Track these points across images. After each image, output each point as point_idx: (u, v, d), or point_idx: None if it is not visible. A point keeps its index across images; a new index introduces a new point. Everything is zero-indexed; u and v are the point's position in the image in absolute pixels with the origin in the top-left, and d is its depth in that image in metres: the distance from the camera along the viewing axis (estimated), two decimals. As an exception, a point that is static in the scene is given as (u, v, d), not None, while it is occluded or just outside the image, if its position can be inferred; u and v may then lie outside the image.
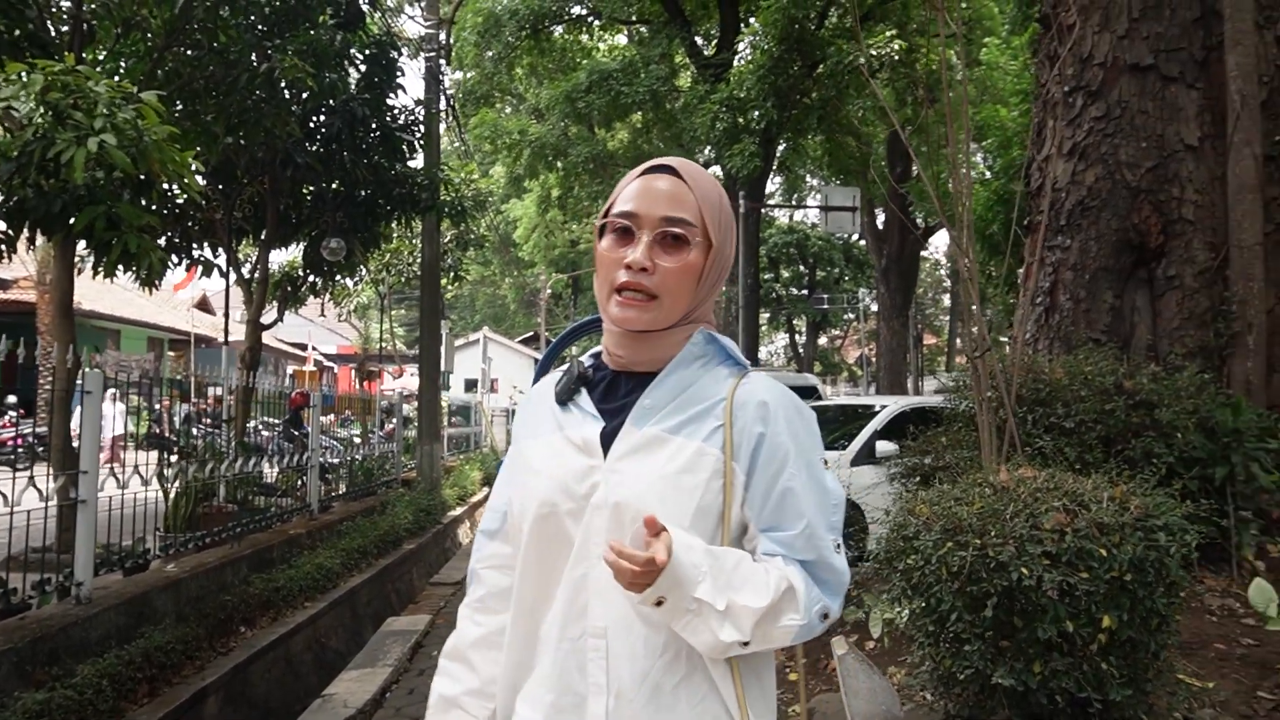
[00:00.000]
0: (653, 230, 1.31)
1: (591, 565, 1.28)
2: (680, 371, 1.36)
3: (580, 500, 1.30)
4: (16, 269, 18.18)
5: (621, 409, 1.35)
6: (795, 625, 1.24)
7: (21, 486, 4.73)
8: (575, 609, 1.29)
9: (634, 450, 1.31)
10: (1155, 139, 4.98)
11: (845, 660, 2.92)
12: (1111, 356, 4.41)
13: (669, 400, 1.34)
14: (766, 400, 1.33)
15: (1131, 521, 2.65)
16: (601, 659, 1.26)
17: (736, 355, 1.39)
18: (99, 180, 5.03)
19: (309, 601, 6.99)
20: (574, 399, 1.39)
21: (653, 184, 1.34)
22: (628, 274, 1.30)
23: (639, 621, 1.27)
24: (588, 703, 1.26)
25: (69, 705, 4.15)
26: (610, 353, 1.41)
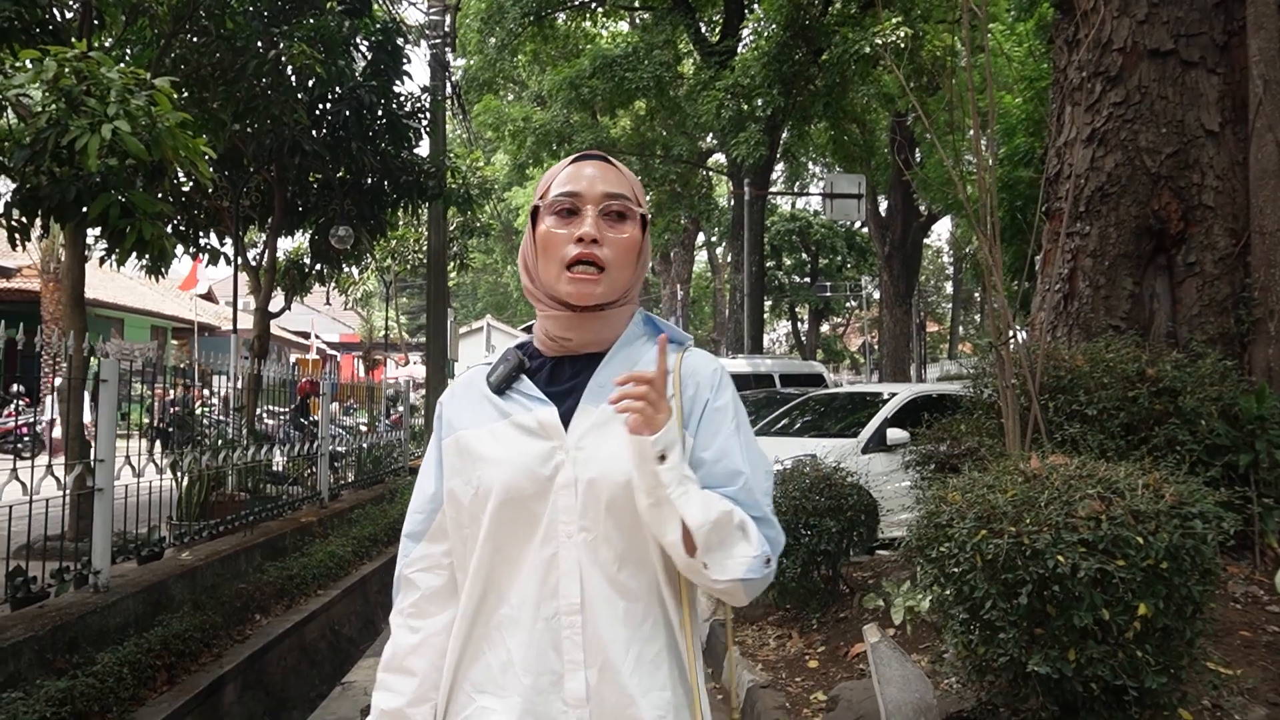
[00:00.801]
0: (596, 205, 1.37)
1: (560, 544, 1.30)
2: (626, 350, 1.41)
3: (544, 482, 1.31)
4: (20, 257, 18.16)
5: (571, 391, 1.38)
6: (749, 557, 1.27)
7: (40, 475, 4.73)
8: (546, 589, 1.30)
9: (596, 427, 1.33)
10: (1175, 125, 4.95)
11: (878, 648, 2.92)
12: (1133, 344, 4.39)
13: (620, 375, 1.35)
14: (709, 370, 1.42)
15: (1166, 509, 2.64)
16: (578, 635, 1.28)
17: (675, 333, 1.45)
18: (112, 167, 5.00)
19: (322, 589, 6.99)
20: (514, 386, 1.40)
21: (585, 169, 1.40)
22: (579, 247, 1.34)
23: (616, 594, 1.30)
24: (564, 681, 1.28)
25: (91, 693, 4.15)
26: (553, 337, 1.42)
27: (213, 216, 10.02)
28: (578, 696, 1.27)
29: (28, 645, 4.23)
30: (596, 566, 1.30)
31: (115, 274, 21.70)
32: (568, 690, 1.28)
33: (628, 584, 1.31)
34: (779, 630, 5.17)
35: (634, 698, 1.28)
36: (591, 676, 1.28)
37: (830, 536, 4.91)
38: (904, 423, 8.14)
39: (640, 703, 1.29)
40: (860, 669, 4.34)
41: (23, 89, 4.72)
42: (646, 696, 1.29)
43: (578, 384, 1.38)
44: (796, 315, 42.15)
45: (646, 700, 1.29)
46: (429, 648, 1.41)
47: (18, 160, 4.87)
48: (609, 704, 1.28)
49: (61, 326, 5.64)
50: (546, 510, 1.31)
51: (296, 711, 5.74)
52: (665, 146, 19.53)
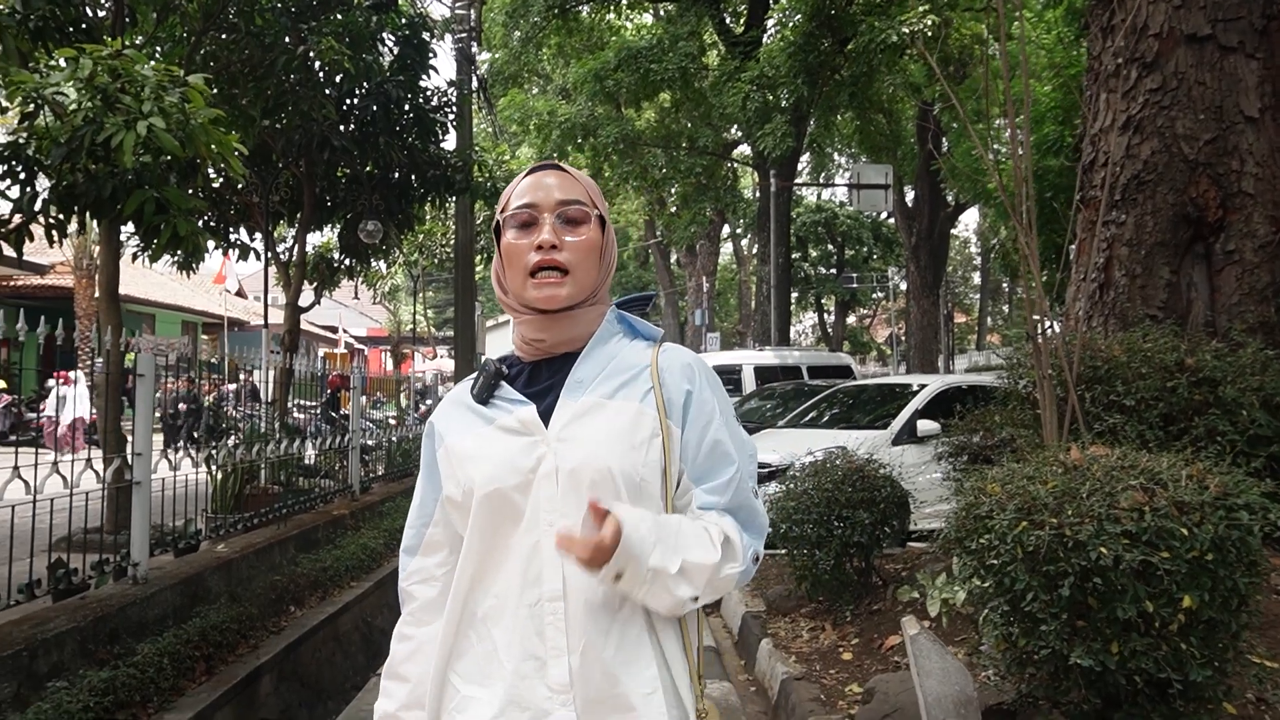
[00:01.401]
0: (552, 212, 1.43)
1: (542, 533, 1.34)
2: (601, 347, 1.47)
3: (526, 474, 1.36)
4: (53, 254, 18.39)
5: (549, 390, 1.44)
6: (735, 573, 1.37)
7: (80, 469, 4.79)
8: (529, 577, 1.34)
9: (576, 418, 1.39)
10: (1213, 111, 4.88)
11: (918, 640, 2.90)
12: (1171, 333, 4.33)
13: (597, 372, 1.44)
14: (688, 363, 1.48)
15: (1211, 500, 2.60)
16: (560, 622, 1.33)
17: (648, 328, 1.53)
18: (147, 164, 5.05)
19: (355, 581, 7.05)
20: (495, 394, 1.46)
21: (542, 179, 1.47)
22: (539, 254, 1.41)
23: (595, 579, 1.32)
24: (548, 667, 1.32)
25: (132, 683, 4.21)
26: (528, 342, 1.48)
27: (243, 212, 10.10)
28: (561, 682, 1.31)
29: (70, 636, 4.29)
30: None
31: (146, 270, 21.95)
32: (551, 676, 1.32)
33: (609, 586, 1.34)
34: (812, 623, 5.15)
35: (618, 677, 1.33)
36: (574, 661, 1.32)
37: (863, 528, 4.89)
38: (934, 414, 8.10)
39: (625, 682, 1.33)
40: (895, 661, 4.33)
41: (58, 87, 4.78)
42: (631, 676, 1.34)
43: (555, 383, 1.45)
44: (823, 307, 41.97)
45: (631, 679, 1.33)
46: (422, 655, 1.47)
47: (54, 158, 4.92)
48: (593, 686, 1.32)
49: (100, 321, 5.71)
50: (529, 501, 1.36)
51: (331, 702, 5.79)
52: (690, 139, 19.46)
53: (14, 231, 5.37)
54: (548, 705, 1.32)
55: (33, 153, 5.20)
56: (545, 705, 1.32)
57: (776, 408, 11.12)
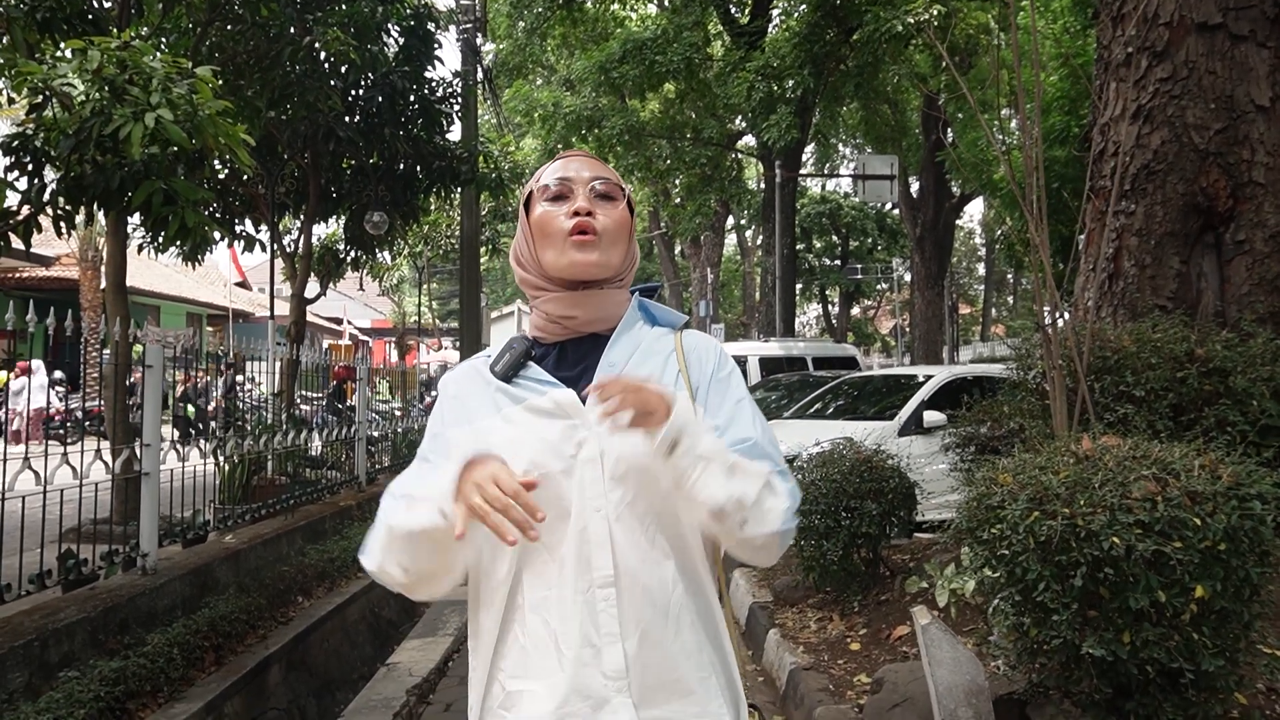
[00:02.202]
0: (586, 186, 1.44)
1: (589, 518, 1.32)
2: (629, 331, 1.46)
3: (569, 459, 1.34)
4: (59, 246, 18.41)
5: (581, 373, 1.41)
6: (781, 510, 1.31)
7: (89, 460, 4.80)
8: (580, 564, 1.31)
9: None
10: (1224, 100, 4.85)
11: (929, 630, 2.90)
12: (1181, 323, 4.32)
13: (628, 356, 1.43)
14: (709, 346, 1.49)
15: (1224, 490, 2.60)
16: (612, 607, 1.30)
17: (669, 315, 1.52)
18: (155, 156, 5.05)
19: (362, 572, 7.04)
20: (521, 374, 1.42)
21: (572, 161, 1.48)
22: (576, 219, 1.40)
23: (649, 563, 1.33)
24: (603, 653, 1.29)
25: (142, 673, 4.23)
26: (555, 319, 1.45)
27: (248, 204, 10.10)
28: (617, 668, 1.29)
29: (80, 626, 4.31)
30: (628, 537, 1.32)
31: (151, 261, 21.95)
32: (606, 662, 1.29)
33: (660, 551, 1.34)
34: (819, 613, 5.16)
35: (677, 661, 1.31)
36: (630, 647, 1.29)
37: (871, 519, 4.89)
38: (940, 405, 8.10)
39: (683, 665, 1.32)
40: (903, 651, 4.33)
41: (66, 79, 4.77)
42: (689, 659, 1.32)
43: (588, 365, 1.42)
44: (827, 298, 41.92)
45: (689, 662, 1.32)
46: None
47: (62, 149, 4.92)
48: (652, 671, 1.30)
49: (107, 312, 5.72)
50: (574, 486, 1.33)
51: (340, 692, 5.81)
52: (695, 130, 19.42)
53: (22, 223, 5.37)
54: (605, 693, 1.28)
55: (41, 144, 5.20)
56: (603, 693, 1.28)
57: (782, 399, 11.11)
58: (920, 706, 3.33)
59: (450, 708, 4.99)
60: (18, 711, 3.65)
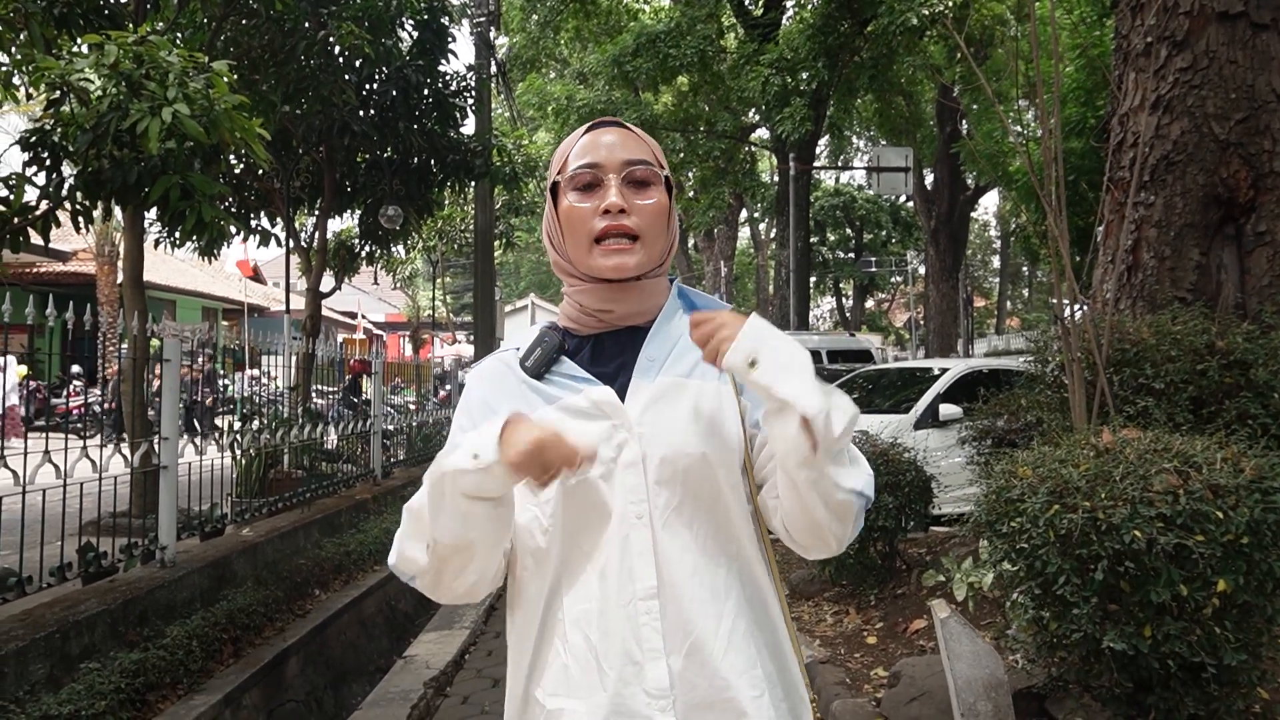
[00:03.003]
0: (619, 174, 1.30)
1: (630, 527, 1.23)
2: (669, 322, 1.35)
3: (608, 463, 1.24)
4: (76, 241, 18.52)
5: (619, 369, 1.32)
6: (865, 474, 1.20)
7: (108, 454, 4.83)
8: (623, 575, 1.22)
9: (655, 402, 1.27)
10: (1245, 90, 4.80)
11: (948, 624, 2.89)
12: (1201, 315, 4.29)
13: (668, 350, 1.32)
14: None
15: (1246, 483, 2.58)
16: (656, 621, 1.21)
17: (711, 301, 1.39)
18: (172, 150, 5.06)
19: (378, 565, 7.09)
20: (553, 370, 1.32)
21: (602, 137, 1.33)
22: (607, 219, 1.28)
23: (698, 572, 1.23)
24: (645, 670, 1.20)
25: (162, 665, 4.26)
26: (592, 313, 1.35)
27: (264, 198, 10.14)
28: (660, 686, 1.20)
29: (101, 618, 4.34)
30: (674, 545, 1.23)
31: (167, 256, 22.08)
32: (649, 680, 1.20)
33: (711, 559, 1.24)
34: (836, 606, 5.15)
35: (728, 680, 1.21)
36: (675, 663, 1.20)
37: (887, 513, 4.88)
38: (956, 398, 8.06)
39: (736, 683, 1.22)
40: (920, 645, 4.32)
41: (83, 74, 4.79)
42: (742, 676, 1.22)
43: (624, 361, 1.32)
44: (841, 291, 41.79)
45: (743, 680, 1.22)
46: None
47: (80, 144, 4.94)
48: (699, 690, 1.21)
49: (125, 307, 5.75)
50: (614, 492, 1.24)
51: (357, 684, 5.83)
52: (709, 122, 19.37)
53: (41, 218, 5.40)
54: (647, 711, 1.19)
55: (59, 139, 5.23)
56: (645, 712, 1.19)
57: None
58: (938, 700, 3.32)
59: (468, 700, 5.01)
60: (40, 702, 3.67)
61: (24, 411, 10.99)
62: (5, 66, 5.80)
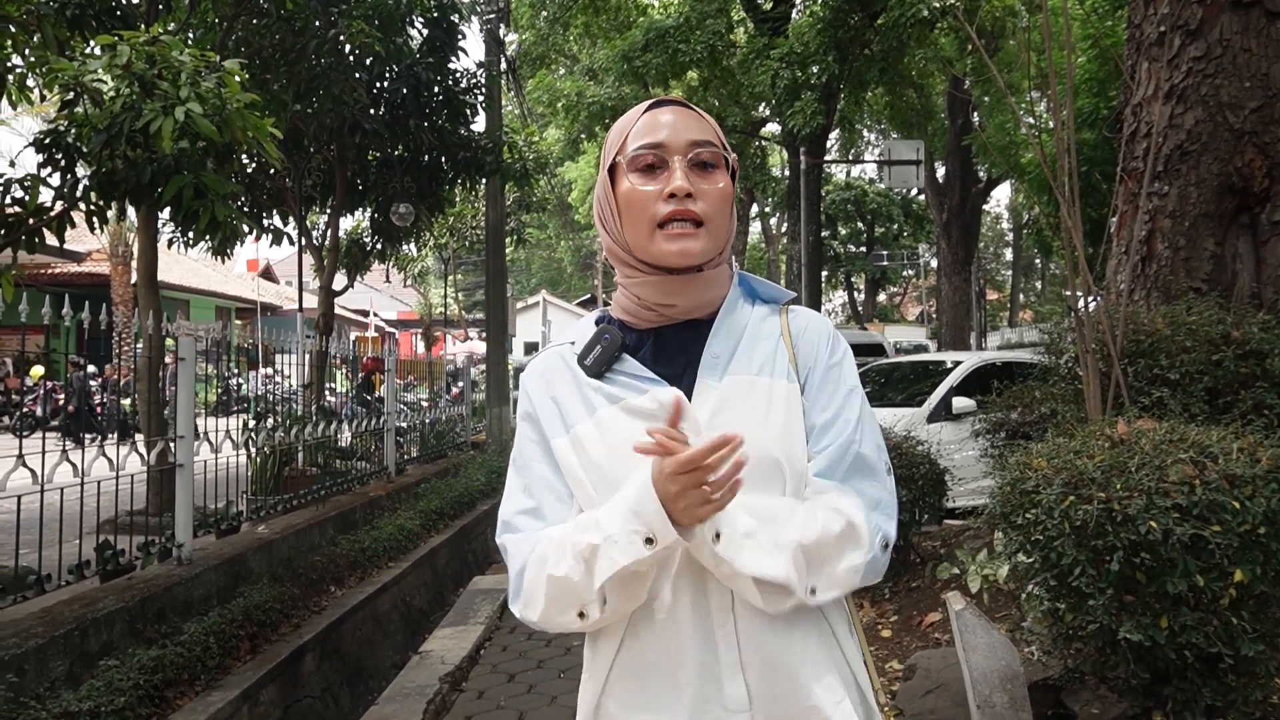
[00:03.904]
0: (684, 156, 1.24)
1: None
2: (732, 314, 1.30)
3: None
4: (90, 241, 18.62)
5: (685, 367, 1.27)
6: (861, 562, 1.21)
7: (125, 452, 4.87)
8: (696, 587, 1.20)
9: (724, 404, 1.24)
10: (1259, 78, 4.77)
11: (963, 616, 2.89)
12: (1216, 306, 4.26)
13: (733, 345, 1.28)
14: (821, 328, 1.33)
15: (1263, 473, 2.57)
16: (731, 635, 1.19)
17: (774, 290, 1.36)
18: (185, 150, 5.09)
19: (393, 561, 7.12)
20: (615, 368, 1.27)
21: (664, 115, 1.27)
22: (672, 203, 1.22)
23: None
24: (724, 685, 1.19)
25: (180, 662, 4.28)
26: (650, 306, 1.28)
27: (276, 197, 10.18)
28: (739, 701, 1.18)
29: (119, 615, 4.37)
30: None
31: (181, 256, 22.18)
32: (728, 695, 1.18)
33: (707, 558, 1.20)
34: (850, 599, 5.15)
35: (810, 689, 1.20)
36: (752, 677, 1.19)
37: (901, 506, 4.87)
38: (969, 391, 8.05)
39: (817, 694, 1.20)
40: (935, 638, 4.32)
41: (96, 75, 4.82)
42: (821, 685, 1.21)
43: (690, 358, 1.27)
44: (853, 285, 41.70)
45: (822, 690, 1.21)
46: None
47: (94, 145, 4.97)
48: (780, 703, 1.19)
49: (139, 307, 5.79)
50: None
51: (373, 680, 5.86)
52: (719, 117, 19.33)
53: (55, 219, 5.44)
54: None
55: (73, 140, 5.26)
56: None
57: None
58: (954, 692, 3.32)
59: (483, 695, 5.03)
60: (60, 699, 3.71)
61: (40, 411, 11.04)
62: (19, 69, 5.83)
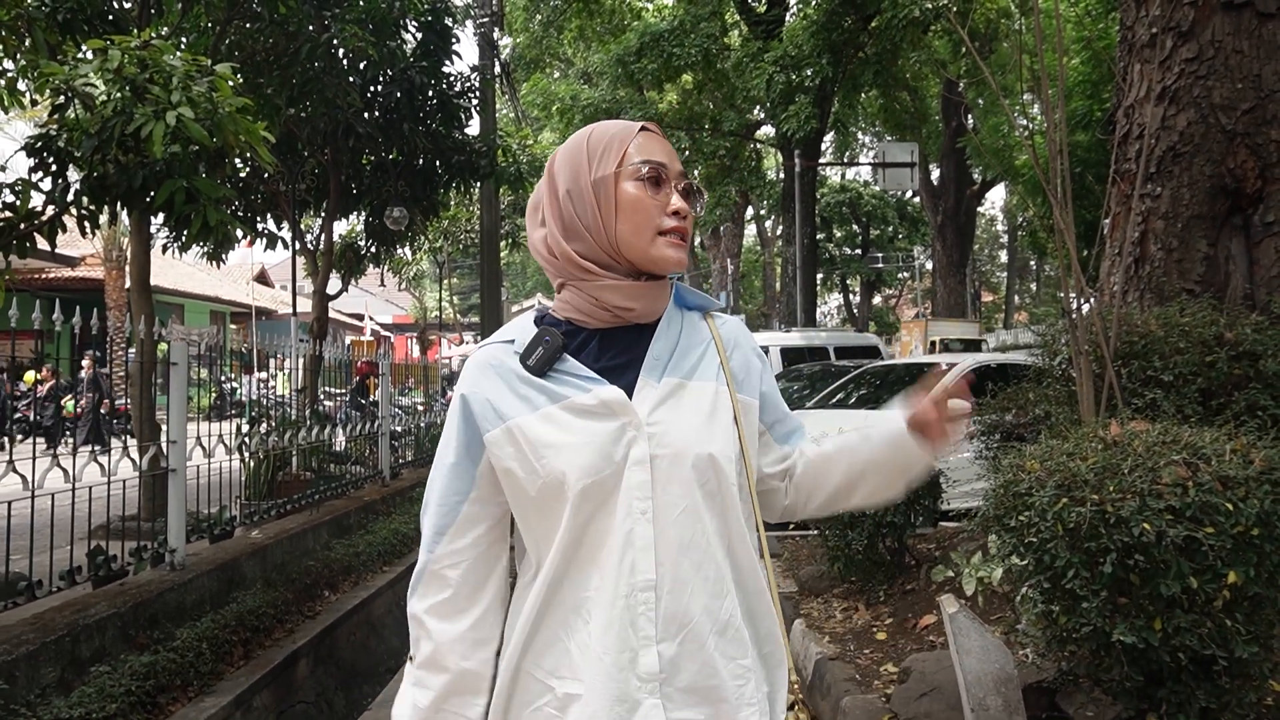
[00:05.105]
0: (678, 182, 1.39)
1: (635, 521, 1.28)
2: (671, 320, 1.41)
3: (619, 461, 1.29)
4: (84, 246, 18.58)
5: (625, 366, 1.35)
6: None
7: (117, 458, 4.85)
8: (624, 567, 1.27)
9: (661, 401, 1.33)
10: (1251, 80, 4.77)
11: (957, 619, 2.88)
12: (1209, 307, 4.27)
13: (671, 348, 1.38)
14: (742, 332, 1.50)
15: (1256, 474, 2.56)
16: (651, 611, 1.27)
17: (704, 299, 1.50)
18: (176, 154, 5.07)
19: (387, 566, 7.11)
20: (556, 367, 1.34)
21: (657, 142, 1.41)
22: (675, 219, 1.36)
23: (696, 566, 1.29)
24: (639, 656, 1.26)
25: (172, 667, 4.27)
26: (609, 308, 1.37)
27: (269, 201, 10.16)
28: (650, 671, 1.26)
29: (111, 621, 4.35)
30: (678, 538, 1.28)
31: (175, 261, 22.12)
32: (641, 665, 1.26)
33: (711, 553, 1.31)
34: (845, 603, 5.14)
35: (715, 667, 1.29)
36: (666, 650, 1.27)
37: (896, 508, 4.86)
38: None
39: (722, 671, 1.30)
40: (930, 641, 4.31)
41: (87, 79, 4.80)
42: (730, 664, 1.31)
43: (630, 359, 1.36)
44: (848, 288, 41.73)
45: (728, 668, 1.30)
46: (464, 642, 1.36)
47: (85, 149, 4.95)
48: (686, 675, 1.28)
49: (132, 311, 5.77)
50: (620, 488, 1.28)
51: (367, 685, 5.85)
52: (713, 120, 19.36)
53: (47, 224, 5.42)
54: (638, 695, 1.26)
55: (64, 145, 5.24)
56: (636, 695, 1.26)
57: (804, 389, 11.07)
58: (948, 695, 3.31)
59: (477, 700, 5.01)
60: (51, 706, 3.69)
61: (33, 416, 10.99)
62: (10, 73, 5.82)
